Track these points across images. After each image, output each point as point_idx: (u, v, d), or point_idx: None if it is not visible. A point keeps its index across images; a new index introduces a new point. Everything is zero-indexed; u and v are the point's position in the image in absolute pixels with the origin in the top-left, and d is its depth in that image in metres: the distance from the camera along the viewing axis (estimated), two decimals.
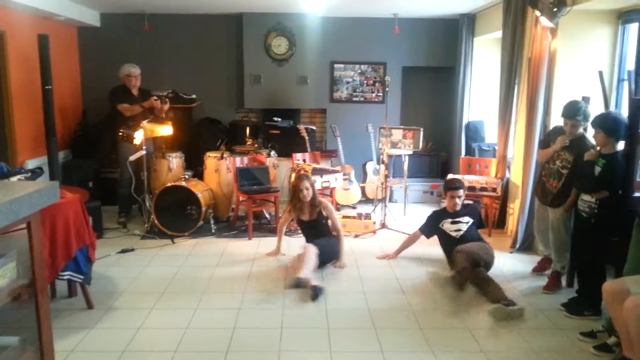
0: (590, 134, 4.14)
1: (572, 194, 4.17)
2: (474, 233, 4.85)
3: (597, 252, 3.89)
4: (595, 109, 4.35)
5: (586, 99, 4.38)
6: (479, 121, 7.32)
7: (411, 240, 5.14)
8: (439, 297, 4.22)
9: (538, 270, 4.83)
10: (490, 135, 7.14)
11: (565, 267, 4.47)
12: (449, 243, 4.79)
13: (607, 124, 3.81)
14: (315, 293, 4.13)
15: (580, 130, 4.26)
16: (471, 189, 5.88)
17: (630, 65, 4.63)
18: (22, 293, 2.16)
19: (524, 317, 3.87)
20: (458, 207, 4.86)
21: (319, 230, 4.92)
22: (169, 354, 3.26)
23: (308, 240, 4.92)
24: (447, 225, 4.84)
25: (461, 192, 4.87)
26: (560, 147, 4.29)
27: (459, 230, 4.80)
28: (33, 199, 2.06)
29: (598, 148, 3.96)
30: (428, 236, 5.03)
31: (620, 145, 3.91)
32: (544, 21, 4.85)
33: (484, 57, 7.29)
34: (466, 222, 4.82)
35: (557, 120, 5.01)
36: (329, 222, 4.98)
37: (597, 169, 3.83)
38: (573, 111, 4.19)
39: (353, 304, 4.07)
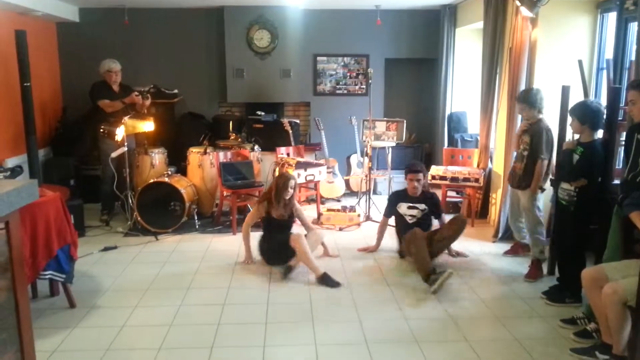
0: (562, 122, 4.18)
1: (535, 174, 4.40)
2: (428, 222, 4.93)
3: (576, 239, 3.95)
4: (575, 97, 4.39)
5: (566, 88, 4.41)
6: (462, 112, 7.35)
7: (382, 227, 5.16)
8: (421, 288, 4.24)
9: (510, 253, 5.02)
10: (473, 125, 7.18)
11: (543, 252, 4.54)
12: (402, 226, 4.91)
13: (580, 112, 3.87)
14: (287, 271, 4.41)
15: (537, 115, 4.47)
16: (454, 179, 5.92)
17: (609, 54, 4.69)
18: (0, 293, 2.14)
19: (507, 305, 3.92)
20: (418, 192, 4.93)
21: (285, 229, 4.82)
22: (152, 351, 3.25)
23: (269, 237, 4.78)
24: (403, 209, 4.94)
25: (421, 175, 4.93)
26: (521, 132, 4.57)
27: (414, 216, 4.90)
28: (11, 198, 2.03)
29: (576, 137, 4.01)
30: (389, 216, 5.10)
31: (599, 134, 3.95)
32: (524, 11, 4.87)
33: (466, 48, 7.32)
34: (422, 209, 4.91)
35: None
36: (297, 222, 4.97)
37: (576, 157, 3.87)
38: (519, 97, 4.60)
39: (337, 296, 4.08)
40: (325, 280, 4.29)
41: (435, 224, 4.99)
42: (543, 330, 3.60)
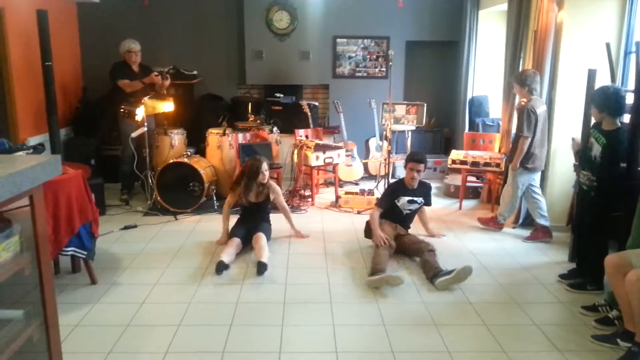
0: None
1: (517, 151, 4.79)
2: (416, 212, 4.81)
3: (596, 225, 3.88)
4: (602, 81, 4.29)
5: (592, 72, 4.31)
6: (483, 96, 7.24)
7: (376, 221, 4.56)
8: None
9: (531, 239, 5.01)
10: (495, 110, 7.08)
11: (506, 218, 5.16)
12: (394, 216, 4.65)
13: (597, 99, 3.77)
14: (261, 269, 4.11)
15: (529, 95, 4.76)
16: (474, 164, 5.85)
17: (638, 37, 4.56)
18: (25, 267, 2.17)
19: (527, 291, 3.89)
20: (415, 184, 4.62)
21: (261, 212, 4.85)
22: (172, 327, 3.29)
23: (246, 221, 4.77)
24: (402, 202, 4.62)
25: (422, 166, 4.56)
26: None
27: (411, 209, 4.70)
28: (35, 173, 2.05)
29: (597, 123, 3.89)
30: (385, 208, 4.64)
31: (623, 120, 3.86)
32: None
33: (489, 31, 7.19)
34: (419, 202, 4.73)
35: (563, 94, 4.96)
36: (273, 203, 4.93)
37: (597, 147, 3.78)
38: (513, 77, 5.00)
39: (355, 279, 4.08)
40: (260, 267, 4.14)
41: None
42: (563, 316, 3.56)
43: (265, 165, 4.71)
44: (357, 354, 3.04)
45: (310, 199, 6.22)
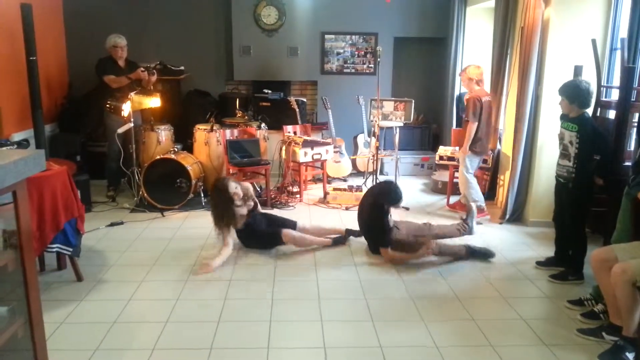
0: None
1: (466, 135, 5.33)
2: None
3: (576, 216, 3.95)
4: (588, 77, 4.33)
5: (578, 68, 4.35)
6: None
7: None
8: (429, 270, 4.24)
9: (453, 207, 5.84)
10: None
11: (482, 204, 5.47)
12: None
13: (568, 91, 3.84)
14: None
15: (472, 86, 5.38)
16: None
17: (624, 33, 4.60)
18: (9, 263, 2.14)
19: (514, 286, 3.92)
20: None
21: (256, 219, 4.60)
22: (159, 324, 3.26)
23: (251, 236, 4.56)
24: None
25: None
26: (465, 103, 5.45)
27: None
28: (18, 167, 2.02)
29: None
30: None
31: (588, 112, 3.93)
32: None
33: (477, 27, 7.21)
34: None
35: (549, 90, 4.99)
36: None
37: (569, 134, 3.84)
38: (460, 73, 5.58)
39: (343, 275, 4.09)
40: (348, 234, 4.74)
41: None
42: (549, 310, 3.60)
43: (232, 186, 4.36)
44: (345, 350, 3.04)
45: (298, 195, 6.21)
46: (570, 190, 3.91)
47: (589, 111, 3.99)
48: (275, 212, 5.37)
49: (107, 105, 5.72)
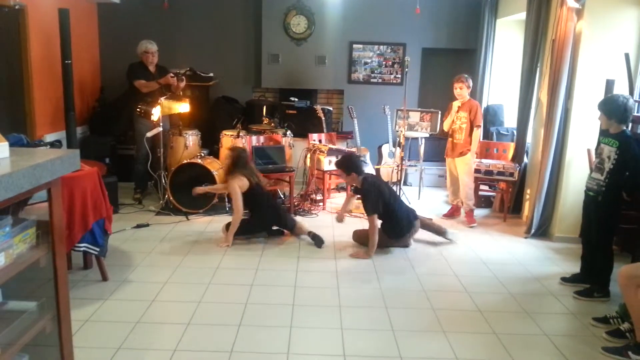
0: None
1: (474, 139, 5.54)
2: None
3: (604, 231, 3.88)
4: (620, 91, 4.27)
5: (610, 82, 4.29)
6: (499, 105, 7.21)
7: (375, 230, 4.68)
8: (451, 282, 4.21)
9: (449, 215, 5.97)
10: (509, 119, 7.04)
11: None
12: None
13: (606, 106, 3.80)
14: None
15: (467, 95, 5.63)
16: (488, 172, 5.82)
17: None
18: (41, 258, 2.20)
19: (538, 301, 3.86)
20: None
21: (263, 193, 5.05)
22: (182, 326, 3.30)
23: (259, 207, 5.01)
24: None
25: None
26: (457, 110, 5.67)
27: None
28: (54, 166, 2.09)
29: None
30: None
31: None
32: (570, 2, 4.75)
33: (507, 39, 7.16)
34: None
35: (579, 104, 4.93)
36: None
37: (608, 150, 3.78)
38: (458, 77, 5.66)
39: (364, 284, 4.08)
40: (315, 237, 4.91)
41: None
42: (574, 327, 3.53)
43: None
44: (365, 358, 3.03)
45: (321, 203, 6.23)
46: (598, 203, 3.84)
47: None
48: (297, 218, 5.40)
49: (138, 110, 5.83)
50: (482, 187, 6.19)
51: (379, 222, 4.75)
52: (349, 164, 4.80)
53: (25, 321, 2.15)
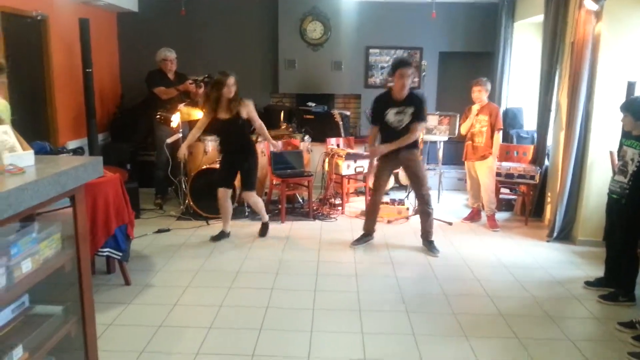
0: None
1: (495, 142, 5.54)
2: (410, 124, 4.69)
3: (628, 234, 3.81)
4: None
5: (632, 84, 4.24)
6: (518, 108, 7.15)
7: (375, 134, 4.93)
8: (472, 285, 4.18)
9: (469, 219, 5.93)
10: (529, 122, 6.98)
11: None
12: (389, 133, 4.75)
13: (634, 108, 3.73)
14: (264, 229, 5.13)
15: (485, 98, 5.65)
16: (509, 176, 5.77)
17: None
18: (66, 263, 2.23)
19: (562, 305, 3.81)
20: (406, 91, 4.61)
21: (235, 131, 4.91)
22: (204, 330, 3.32)
23: (224, 144, 5.07)
24: (390, 116, 4.68)
25: (412, 70, 4.61)
26: (476, 113, 5.66)
27: (401, 121, 4.68)
28: (78, 173, 2.12)
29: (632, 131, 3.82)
30: (376, 124, 4.83)
31: None
32: (589, 4, 4.70)
33: (524, 42, 7.11)
34: (410, 112, 4.66)
35: (600, 106, 4.87)
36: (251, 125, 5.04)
37: (632, 152, 3.72)
38: (477, 81, 5.66)
39: (385, 288, 4.07)
40: (264, 228, 5.17)
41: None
42: (599, 332, 3.48)
43: (232, 80, 4.74)
44: None
45: (340, 208, 6.23)
46: (622, 206, 3.79)
47: None
48: (316, 222, 5.41)
49: (158, 116, 5.90)
50: (502, 190, 6.13)
51: None
52: None
53: (52, 325, 2.18)
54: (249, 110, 4.90)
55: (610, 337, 3.39)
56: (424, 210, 4.89)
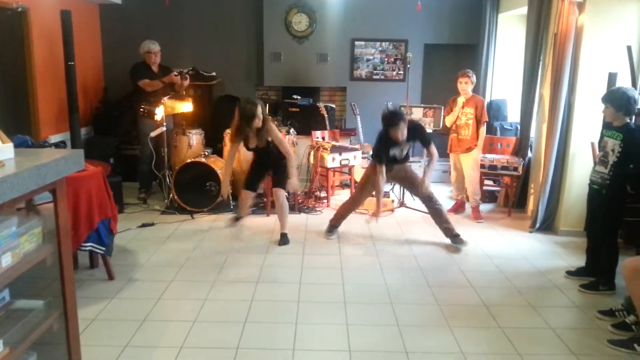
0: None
1: (480, 135, 5.59)
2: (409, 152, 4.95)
3: (608, 224, 3.88)
4: (623, 84, 4.26)
5: (613, 75, 4.28)
6: (502, 100, 7.20)
7: (381, 176, 4.77)
8: (455, 276, 4.22)
9: (454, 211, 5.94)
10: (513, 114, 7.03)
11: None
12: (391, 159, 4.85)
13: (615, 99, 3.76)
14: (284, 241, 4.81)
15: (470, 90, 5.66)
16: (492, 167, 5.82)
17: None
18: (47, 257, 2.22)
19: (543, 294, 3.86)
20: (403, 137, 4.67)
21: (266, 154, 4.82)
22: (188, 323, 3.32)
23: (255, 161, 4.99)
24: (393, 151, 4.81)
25: (401, 126, 4.58)
26: (462, 106, 5.65)
27: (403, 150, 4.86)
28: (59, 166, 2.10)
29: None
30: (382, 162, 4.78)
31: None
32: None
33: (508, 34, 7.14)
34: (408, 146, 4.88)
35: (582, 98, 4.92)
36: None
37: (612, 143, 3.76)
38: (464, 72, 5.68)
39: (369, 280, 4.09)
40: (283, 239, 4.83)
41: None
42: (579, 320, 3.54)
43: (259, 109, 4.57)
44: (370, 353, 3.04)
45: (325, 201, 6.24)
46: (603, 197, 3.84)
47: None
48: (302, 215, 5.42)
49: (141, 109, 5.85)
50: (486, 182, 6.18)
51: None
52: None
53: (33, 319, 2.17)
54: (274, 135, 4.75)
55: (591, 325, 3.44)
56: (434, 209, 4.91)
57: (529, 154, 5.93)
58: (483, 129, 5.65)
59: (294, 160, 4.89)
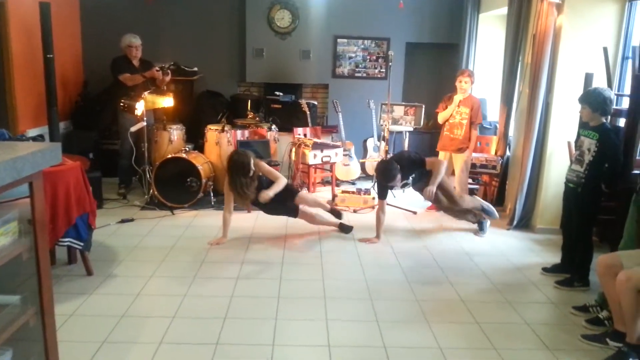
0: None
1: (472, 136, 5.57)
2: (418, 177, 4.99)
3: (584, 222, 3.96)
4: (599, 85, 4.34)
5: (589, 75, 4.36)
6: (481, 99, 7.24)
7: (381, 210, 4.93)
8: (434, 273, 4.27)
9: (434, 208, 5.82)
10: (492, 113, 7.11)
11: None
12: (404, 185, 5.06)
13: (592, 99, 3.82)
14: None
15: (470, 90, 5.64)
16: (472, 166, 5.88)
17: (636, 42, 4.60)
18: (23, 252, 2.19)
19: (519, 290, 3.93)
20: (400, 182, 4.87)
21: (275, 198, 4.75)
22: (167, 319, 3.31)
23: (274, 209, 4.93)
24: (395, 187, 5.04)
25: (396, 180, 4.75)
26: (458, 104, 5.61)
27: (407, 184, 5.03)
28: (36, 158, 2.07)
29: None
30: (385, 198, 4.97)
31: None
32: None
33: (489, 34, 7.23)
34: (410, 181, 4.98)
35: (560, 97, 5.00)
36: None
37: (589, 142, 3.83)
38: (465, 71, 5.68)
39: (349, 276, 4.12)
40: (344, 228, 5.03)
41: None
42: (554, 316, 3.61)
43: (252, 161, 4.59)
44: (349, 349, 3.07)
45: None
46: (578, 195, 3.92)
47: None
48: None
49: (121, 104, 5.80)
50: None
51: None
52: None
53: (8, 315, 2.14)
54: (265, 170, 4.82)
55: (565, 320, 3.51)
56: (460, 211, 5.14)
57: (508, 153, 6.01)
58: (475, 132, 5.63)
59: (283, 184, 4.82)
